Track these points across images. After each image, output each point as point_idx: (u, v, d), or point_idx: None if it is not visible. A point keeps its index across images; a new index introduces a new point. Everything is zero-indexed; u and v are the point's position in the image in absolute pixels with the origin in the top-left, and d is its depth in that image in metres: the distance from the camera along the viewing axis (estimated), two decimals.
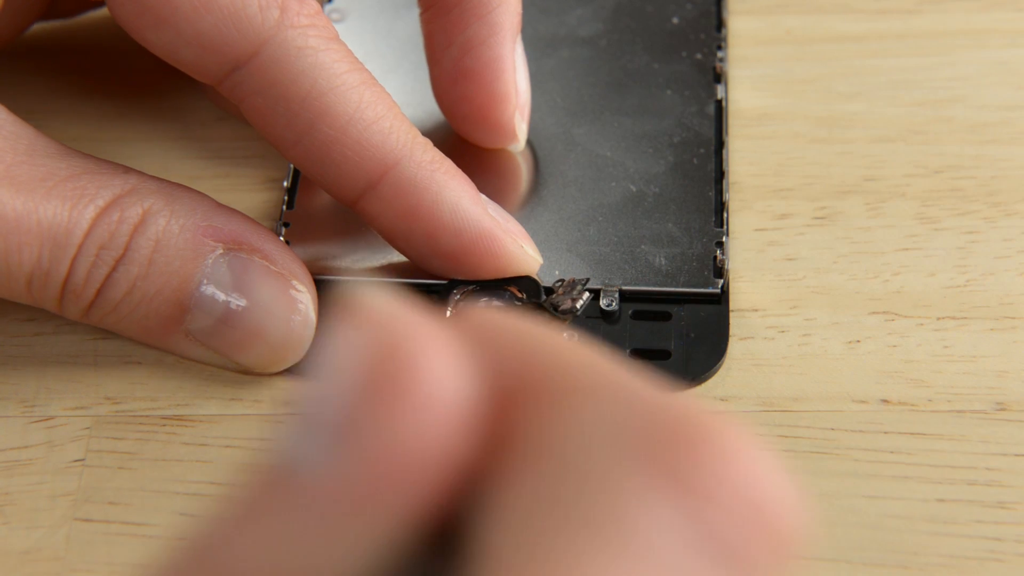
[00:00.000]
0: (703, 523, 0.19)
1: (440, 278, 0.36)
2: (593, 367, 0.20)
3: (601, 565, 0.18)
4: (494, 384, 0.19)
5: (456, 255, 0.35)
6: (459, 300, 0.35)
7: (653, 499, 0.18)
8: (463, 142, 0.39)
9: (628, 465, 0.19)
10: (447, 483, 0.19)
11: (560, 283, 0.35)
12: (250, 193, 0.40)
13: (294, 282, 0.34)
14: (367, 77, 0.34)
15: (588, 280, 0.35)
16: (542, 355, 0.20)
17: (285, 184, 0.39)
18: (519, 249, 0.35)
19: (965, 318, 0.36)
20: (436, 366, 0.18)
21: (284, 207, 0.38)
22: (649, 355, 0.36)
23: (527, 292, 0.35)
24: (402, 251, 0.35)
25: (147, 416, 0.35)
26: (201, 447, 0.34)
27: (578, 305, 0.35)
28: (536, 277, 0.36)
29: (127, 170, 0.34)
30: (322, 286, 0.36)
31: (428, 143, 0.35)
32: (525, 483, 0.19)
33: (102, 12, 0.43)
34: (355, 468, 0.18)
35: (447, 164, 0.34)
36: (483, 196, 0.35)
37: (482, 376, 0.19)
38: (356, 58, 0.34)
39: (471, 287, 0.35)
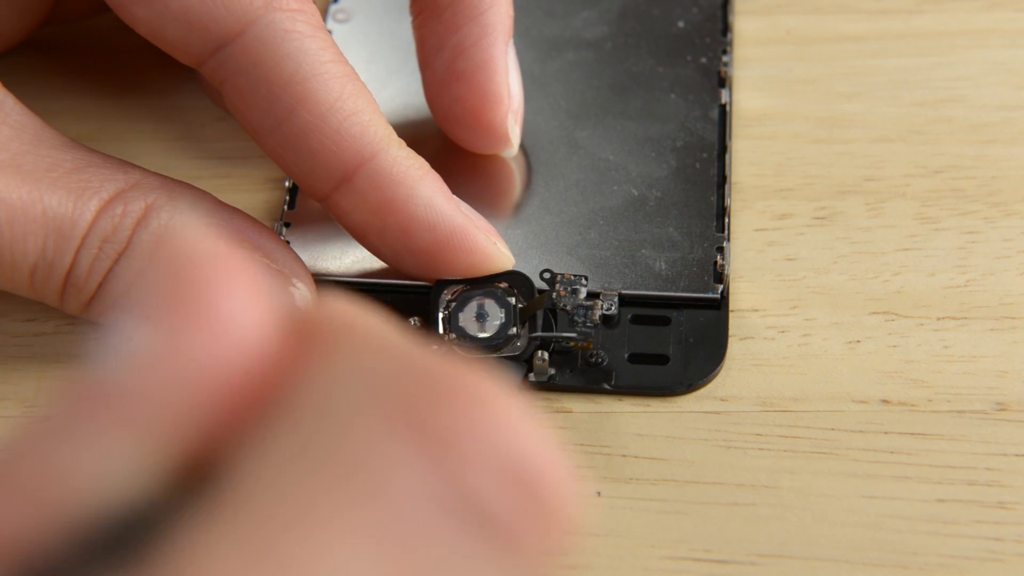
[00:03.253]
0: (455, 482, 0.18)
1: (415, 279, 0.36)
2: (371, 328, 0.19)
3: (339, 516, 0.17)
4: (286, 328, 0.19)
5: (429, 251, 0.34)
6: (449, 299, 0.35)
7: (399, 450, 0.17)
8: (462, 148, 0.39)
9: (377, 413, 0.18)
10: (223, 409, 0.18)
11: (550, 273, 0.35)
12: (250, 193, 0.40)
13: (294, 280, 0.34)
14: (350, 70, 0.34)
15: (586, 278, 0.35)
16: (340, 319, 0.19)
17: (287, 184, 0.39)
18: (492, 246, 0.35)
19: (965, 318, 0.36)
20: (241, 291, 0.18)
21: (285, 207, 0.38)
22: (647, 360, 0.36)
23: (519, 288, 0.35)
24: (374, 249, 0.35)
25: None
26: None
27: (596, 316, 0.35)
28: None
29: (130, 165, 0.34)
30: (322, 286, 0.36)
31: (403, 142, 0.35)
32: (281, 430, 0.18)
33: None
34: (133, 373, 0.18)
35: (421, 161, 0.34)
36: (456, 197, 0.35)
37: (279, 318, 0.19)
38: (340, 51, 0.34)
39: (460, 285, 0.35)
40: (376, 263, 0.36)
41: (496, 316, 0.35)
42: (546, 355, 0.35)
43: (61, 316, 0.37)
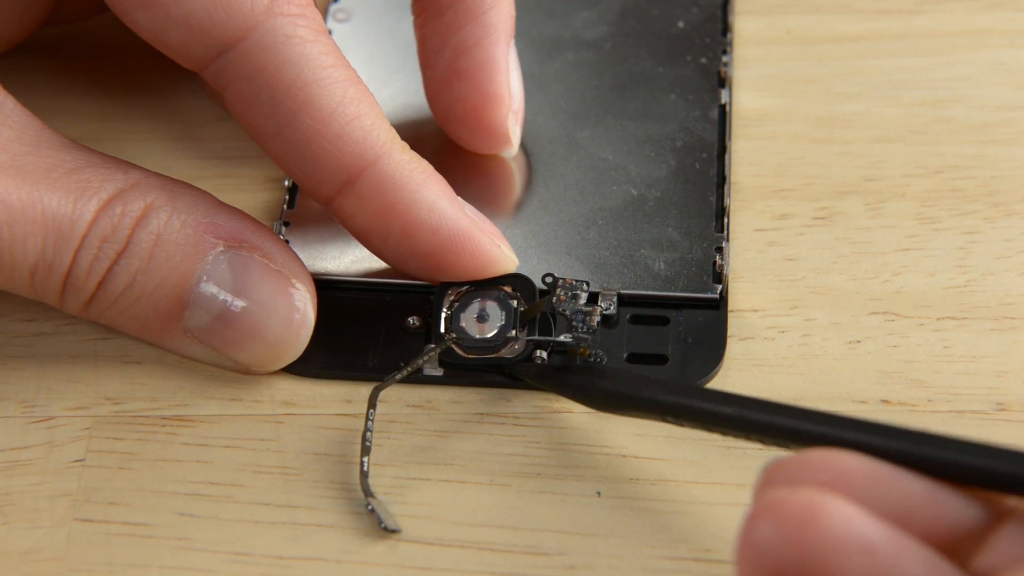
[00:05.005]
0: None
1: (418, 280, 0.36)
2: None
3: None
4: None
5: (433, 254, 0.35)
6: (452, 300, 0.35)
7: None
8: (462, 148, 0.39)
9: None
10: None
11: (552, 278, 0.35)
12: (250, 193, 0.40)
13: (293, 281, 0.34)
14: (352, 74, 0.34)
15: (588, 284, 0.35)
16: None
17: (286, 184, 0.39)
18: (496, 248, 0.35)
19: (965, 318, 0.36)
20: None
21: (285, 207, 0.38)
22: (646, 360, 0.36)
23: (521, 291, 0.35)
24: (377, 252, 0.35)
25: (147, 416, 0.35)
26: (201, 447, 0.34)
27: (595, 322, 0.35)
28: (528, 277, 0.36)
29: (130, 165, 0.35)
30: (321, 286, 0.36)
31: (407, 145, 0.35)
32: None
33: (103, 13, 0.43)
34: None
35: (425, 164, 0.35)
36: (460, 198, 0.35)
37: None
38: (342, 54, 0.34)
39: (464, 287, 0.35)
40: (376, 263, 0.36)
41: (497, 318, 0.35)
42: (544, 355, 0.35)
43: (61, 316, 0.37)
